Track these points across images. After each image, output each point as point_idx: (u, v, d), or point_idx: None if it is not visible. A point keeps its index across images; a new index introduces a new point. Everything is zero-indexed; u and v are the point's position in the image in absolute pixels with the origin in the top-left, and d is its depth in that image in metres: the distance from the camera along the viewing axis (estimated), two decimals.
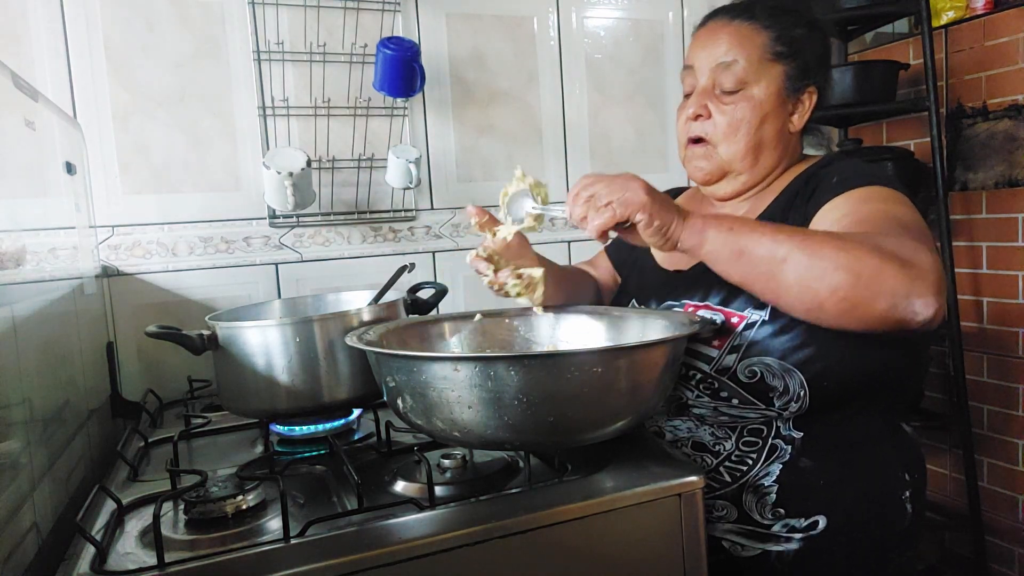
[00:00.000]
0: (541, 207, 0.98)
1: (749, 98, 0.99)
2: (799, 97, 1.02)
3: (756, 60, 0.99)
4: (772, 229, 0.79)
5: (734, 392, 0.94)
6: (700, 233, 0.81)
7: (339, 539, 0.73)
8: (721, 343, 0.95)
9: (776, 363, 0.91)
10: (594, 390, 0.78)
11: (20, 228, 0.88)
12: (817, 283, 0.75)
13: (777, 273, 0.77)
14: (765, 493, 0.94)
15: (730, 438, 0.97)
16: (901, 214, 0.86)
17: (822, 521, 0.92)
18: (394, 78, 1.52)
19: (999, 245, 1.92)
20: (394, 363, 0.84)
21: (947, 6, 1.99)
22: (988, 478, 2.01)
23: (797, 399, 0.91)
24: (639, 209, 0.80)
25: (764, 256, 0.78)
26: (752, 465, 0.95)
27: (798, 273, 0.76)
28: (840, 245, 0.75)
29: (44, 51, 1.37)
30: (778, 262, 0.77)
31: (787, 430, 0.94)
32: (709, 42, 1.02)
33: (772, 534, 0.94)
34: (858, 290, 0.74)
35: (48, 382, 0.94)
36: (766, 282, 0.79)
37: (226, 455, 1.06)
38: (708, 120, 1.01)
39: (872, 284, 0.73)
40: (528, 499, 0.81)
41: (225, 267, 1.53)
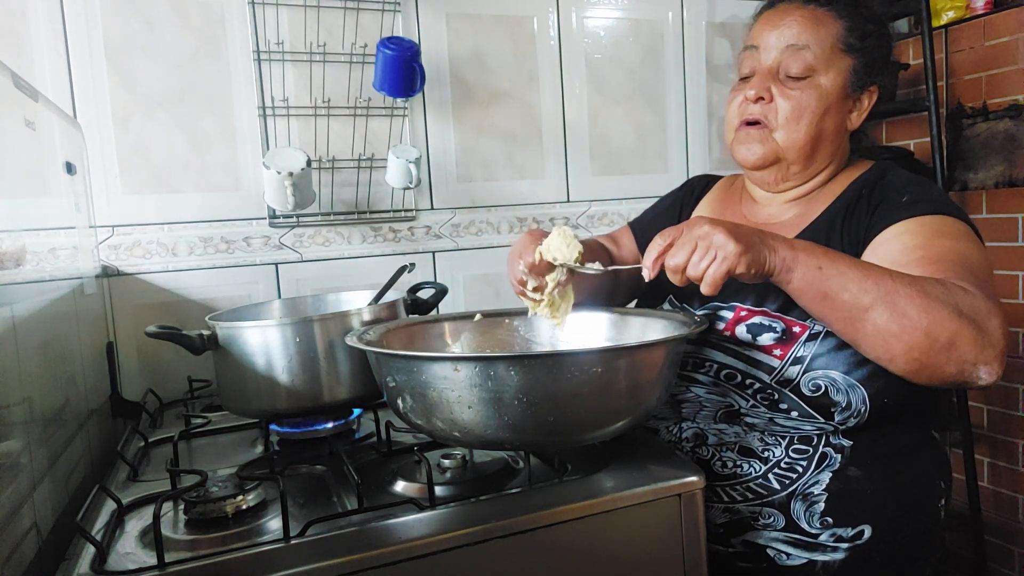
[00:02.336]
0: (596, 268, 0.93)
1: (816, 86, 0.96)
2: (860, 95, 0.99)
3: (828, 48, 0.96)
4: (860, 274, 0.77)
5: (795, 405, 0.91)
6: (790, 271, 0.79)
7: (339, 539, 0.73)
8: (784, 353, 0.91)
9: (842, 377, 0.89)
10: (594, 390, 0.78)
11: (20, 228, 0.88)
12: (895, 340, 0.76)
13: (858, 321, 0.77)
14: (814, 501, 0.92)
15: (780, 445, 0.94)
16: (972, 255, 0.85)
17: (867, 531, 0.91)
18: (394, 78, 1.52)
19: (999, 245, 1.92)
20: (394, 363, 0.84)
21: (947, 6, 1.99)
22: (988, 478, 2.01)
23: (857, 414, 0.90)
24: (737, 262, 0.76)
25: (848, 302, 0.77)
26: (802, 473, 0.93)
27: (878, 326, 0.76)
28: (924, 305, 0.75)
29: (44, 51, 1.37)
30: (861, 310, 0.77)
31: (837, 439, 0.93)
32: (780, 23, 0.98)
33: (819, 543, 0.91)
34: (932, 354, 0.75)
35: (48, 382, 0.94)
36: (845, 326, 0.79)
37: (226, 455, 1.06)
38: (769, 104, 0.97)
39: (947, 350, 0.75)
40: (528, 499, 0.81)
41: (225, 267, 1.53)
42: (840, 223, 0.96)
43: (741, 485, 0.95)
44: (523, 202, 1.78)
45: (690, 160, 1.95)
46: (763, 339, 0.93)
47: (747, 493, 0.95)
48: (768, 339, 0.93)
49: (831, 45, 0.96)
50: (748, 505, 0.95)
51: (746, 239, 0.77)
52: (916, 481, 0.95)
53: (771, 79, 0.98)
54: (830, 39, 0.96)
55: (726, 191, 1.18)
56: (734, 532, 0.96)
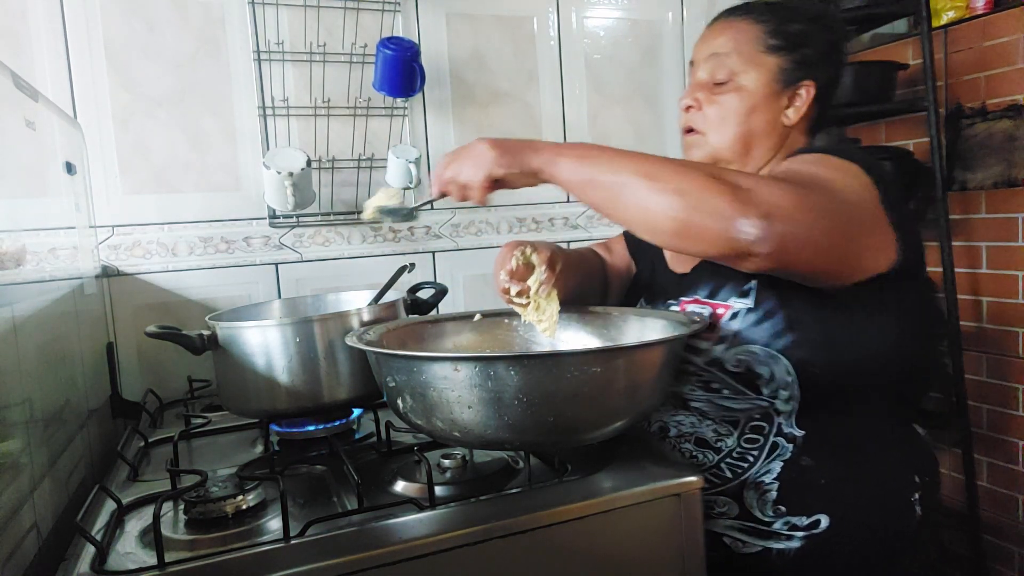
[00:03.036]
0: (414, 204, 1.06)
1: (738, 88, 1.02)
2: (795, 90, 1.03)
3: (747, 52, 1.02)
4: (620, 155, 0.83)
5: (724, 383, 0.95)
6: (554, 163, 0.85)
7: (339, 539, 0.73)
8: (711, 335, 0.96)
9: (761, 350, 0.92)
10: (593, 390, 0.78)
11: (20, 228, 0.88)
12: (654, 205, 0.79)
13: (620, 196, 0.82)
14: (766, 490, 0.94)
15: (732, 434, 0.97)
16: (821, 173, 0.86)
17: (824, 520, 0.92)
18: (394, 78, 1.52)
19: (998, 245, 1.92)
20: (394, 363, 0.84)
21: (947, 6, 1.99)
22: (988, 478, 2.02)
23: (785, 386, 0.91)
24: (494, 164, 0.86)
25: (608, 181, 0.82)
26: (753, 462, 0.95)
27: (637, 196, 0.80)
28: (677, 169, 0.80)
29: (44, 51, 1.37)
30: (620, 186, 0.81)
31: (789, 427, 0.94)
32: (708, 37, 1.07)
33: (773, 531, 0.94)
34: (688, 211, 0.77)
35: (48, 382, 0.94)
36: (612, 206, 0.83)
37: (226, 455, 1.06)
38: (699, 111, 1.05)
39: (700, 204, 0.77)
40: (528, 499, 0.81)
41: (225, 267, 1.53)
42: None
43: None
44: (523, 202, 1.78)
45: None
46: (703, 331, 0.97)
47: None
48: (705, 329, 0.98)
49: (750, 49, 1.03)
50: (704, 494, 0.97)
51: (506, 146, 0.87)
52: (879, 473, 0.95)
53: (701, 88, 1.05)
54: (748, 43, 1.03)
55: None
56: None
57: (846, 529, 0.92)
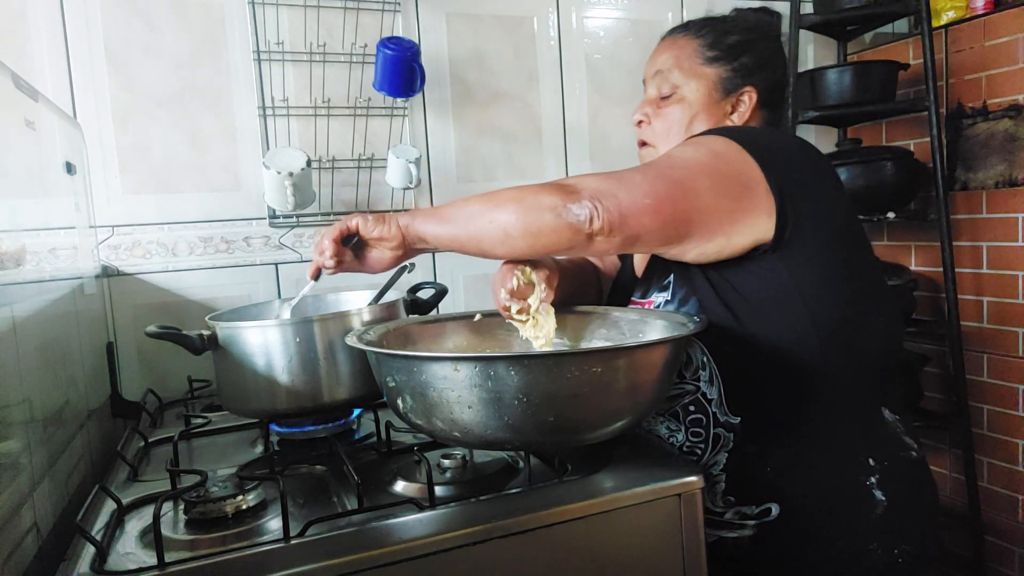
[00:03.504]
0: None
1: (681, 100, 1.09)
2: (737, 97, 1.09)
3: (687, 66, 1.09)
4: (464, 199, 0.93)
5: None
6: (411, 216, 0.96)
7: (339, 539, 0.73)
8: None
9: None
10: (594, 390, 0.78)
11: (20, 228, 0.88)
12: (498, 218, 0.88)
13: (471, 224, 0.91)
14: (715, 481, 0.96)
15: (681, 429, 1.00)
16: (671, 152, 0.95)
17: (775, 508, 0.93)
18: (394, 78, 1.52)
19: (999, 245, 1.92)
20: (394, 363, 0.84)
21: (947, 6, 1.99)
22: (988, 478, 2.01)
23: (703, 366, 0.96)
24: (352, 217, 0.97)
25: (459, 216, 0.92)
26: (701, 455, 0.97)
27: (485, 217, 0.89)
28: (514, 189, 0.89)
29: (44, 51, 1.37)
30: (469, 214, 0.91)
31: (724, 416, 0.96)
32: (655, 56, 1.15)
33: (725, 521, 0.96)
34: (525, 212, 0.86)
35: (48, 382, 0.94)
36: (470, 236, 0.91)
37: (226, 455, 1.06)
38: (648, 125, 1.12)
39: (534, 205, 0.86)
40: (528, 499, 0.81)
41: (225, 267, 1.53)
42: None
43: None
44: None
45: None
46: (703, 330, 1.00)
47: None
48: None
49: (690, 63, 1.09)
50: None
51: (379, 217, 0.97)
52: (828, 459, 0.94)
53: (649, 104, 1.13)
54: (687, 58, 1.09)
55: None
56: None
57: (798, 515, 0.93)
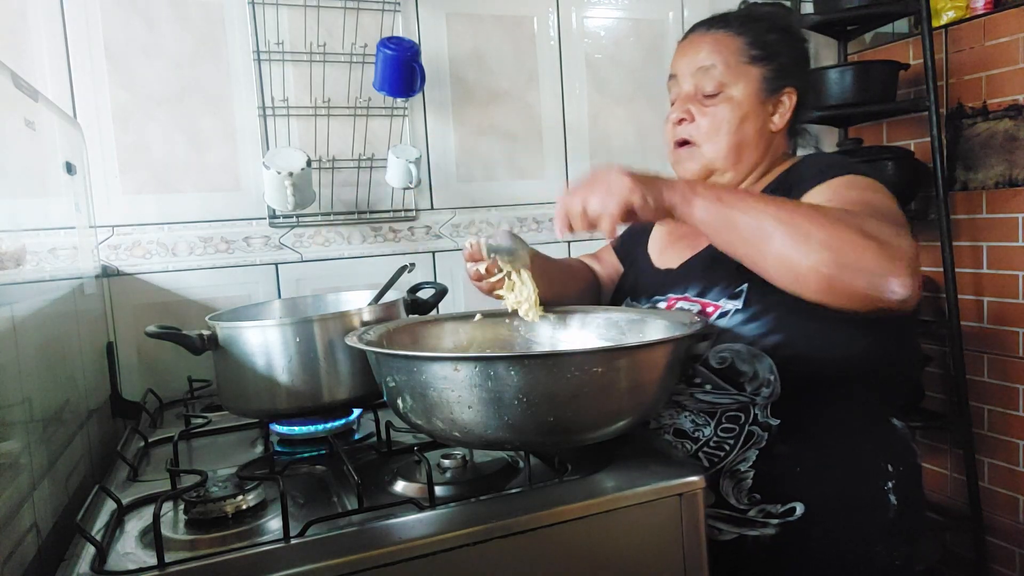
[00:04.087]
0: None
1: (729, 99, 1.05)
2: (778, 98, 1.07)
3: (733, 64, 1.05)
4: (760, 201, 0.81)
5: (707, 378, 0.97)
6: (689, 202, 0.83)
7: (339, 539, 0.73)
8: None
9: (745, 349, 0.94)
10: (594, 390, 0.78)
11: (20, 228, 0.88)
12: (800, 258, 0.77)
13: (762, 246, 0.79)
14: (741, 478, 0.96)
15: (709, 424, 0.99)
16: (880, 201, 0.89)
17: (799, 508, 0.94)
18: (394, 78, 1.52)
19: (1000, 245, 1.92)
20: (394, 363, 0.84)
21: (947, 6, 1.99)
22: (989, 478, 2.01)
23: (767, 384, 0.94)
24: (631, 195, 0.82)
25: (751, 226, 0.80)
26: (729, 451, 0.97)
27: (782, 248, 0.78)
28: (824, 223, 0.77)
29: (44, 51, 1.37)
30: (764, 235, 0.79)
31: (764, 417, 0.96)
32: (690, 51, 1.09)
33: (748, 519, 0.96)
34: (838, 267, 0.76)
35: (48, 382, 0.94)
36: (751, 253, 0.82)
37: (226, 455, 1.06)
38: (692, 123, 1.07)
39: (852, 263, 0.75)
40: (528, 499, 0.81)
41: (225, 267, 1.53)
42: None
43: None
44: (523, 202, 1.78)
45: None
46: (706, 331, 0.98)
47: None
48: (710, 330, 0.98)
49: (735, 60, 1.05)
50: None
51: (641, 177, 0.83)
52: (852, 462, 0.97)
53: (690, 101, 1.07)
54: (733, 55, 1.05)
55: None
56: None
57: (820, 516, 0.94)
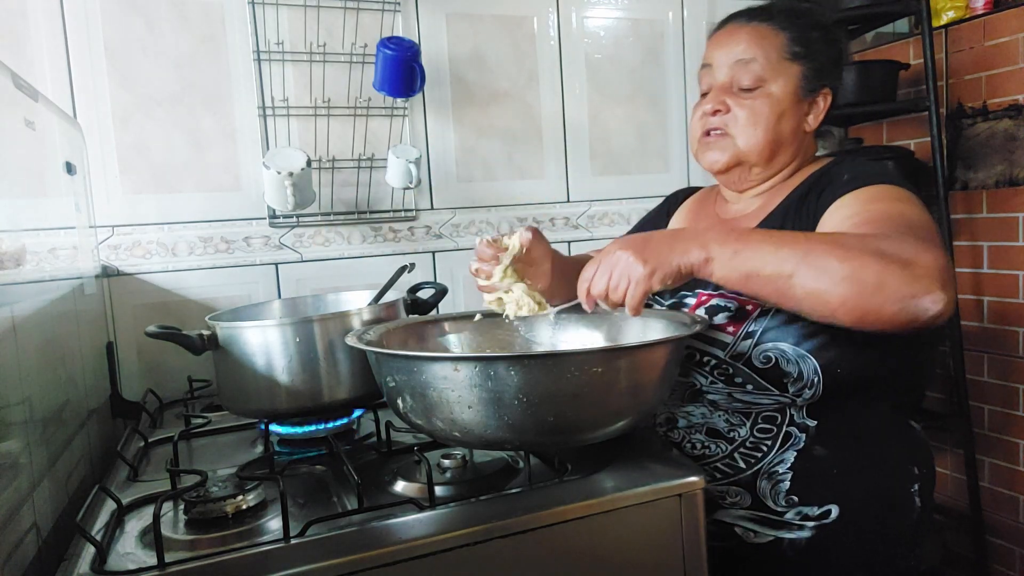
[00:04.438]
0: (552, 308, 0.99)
1: (768, 95, 1.02)
2: (814, 98, 1.05)
3: (774, 59, 1.02)
4: (774, 244, 0.79)
5: (748, 378, 0.94)
6: (707, 264, 0.81)
7: (339, 539, 0.73)
8: (736, 329, 0.95)
9: (791, 349, 0.91)
10: (594, 390, 0.78)
11: (20, 228, 0.88)
12: (826, 295, 0.76)
13: (786, 290, 0.78)
14: (779, 480, 0.95)
15: (744, 424, 0.97)
16: (908, 212, 0.87)
17: (835, 510, 0.93)
18: (394, 78, 1.52)
19: (1000, 244, 1.92)
20: (394, 363, 0.84)
21: (947, 6, 1.99)
22: (989, 478, 2.01)
23: (811, 385, 0.91)
24: (647, 280, 0.80)
25: (771, 275, 0.78)
26: (767, 452, 0.96)
27: (807, 288, 0.77)
28: (843, 255, 0.76)
29: (44, 51, 1.37)
30: (785, 279, 0.77)
31: (801, 418, 0.95)
32: (728, 41, 1.05)
33: (785, 521, 0.94)
34: (865, 298, 0.75)
35: (48, 382, 0.94)
36: (779, 298, 0.80)
37: (226, 455, 1.06)
38: (727, 114, 1.03)
39: (878, 291, 0.74)
40: (528, 499, 0.81)
41: (225, 267, 1.53)
42: (793, 211, 1.01)
43: (709, 465, 0.99)
44: (523, 202, 1.78)
45: (690, 160, 1.95)
46: (718, 318, 0.97)
47: (715, 473, 0.99)
48: (722, 318, 0.97)
49: (777, 56, 1.02)
50: (716, 485, 0.99)
51: (654, 254, 0.80)
52: (885, 464, 0.97)
53: (726, 92, 1.04)
54: (775, 51, 1.02)
55: (704, 196, 1.25)
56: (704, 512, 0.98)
57: (853, 518, 0.93)
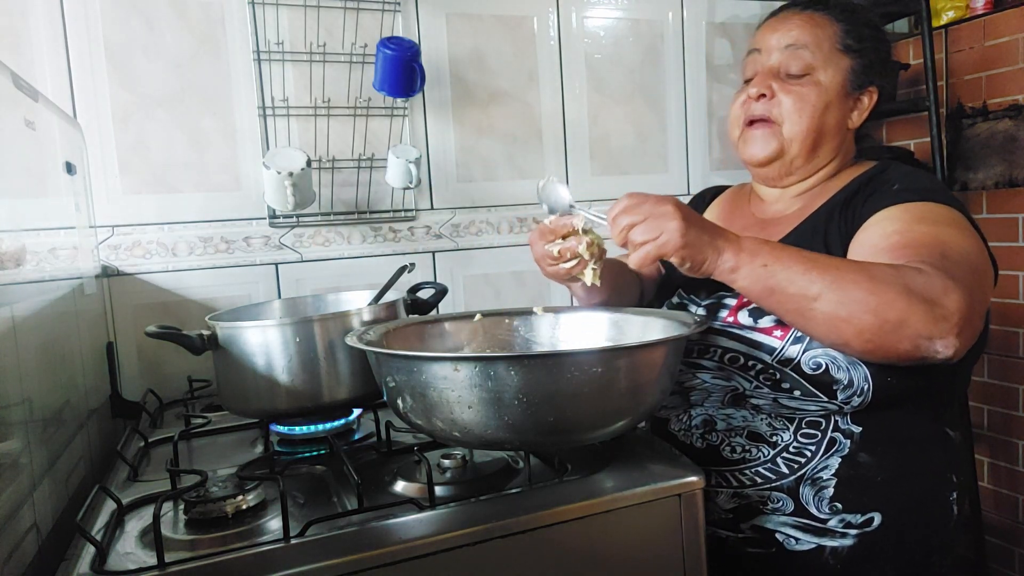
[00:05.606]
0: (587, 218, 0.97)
1: (816, 83, 1.00)
2: (860, 94, 1.03)
3: (826, 48, 1.00)
4: (805, 265, 0.79)
5: (797, 383, 0.92)
6: (734, 271, 0.81)
7: (339, 539, 0.73)
8: (784, 334, 0.93)
9: (842, 355, 0.89)
10: (594, 390, 0.78)
11: (20, 228, 0.88)
12: (845, 324, 0.77)
13: (807, 311, 0.79)
14: (823, 486, 0.93)
15: (788, 429, 0.95)
16: (951, 241, 0.85)
17: (877, 518, 0.92)
18: (394, 78, 1.52)
19: (1000, 245, 1.92)
20: (394, 363, 0.84)
21: (947, 6, 1.99)
22: (989, 478, 2.01)
23: (860, 393, 0.89)
24: (673, 251, 0.80)
25: (795, 294, 0.78)
26: (811, 457, 0.94)
27: (827, 313, 0.77)
28: (872, 288, 0.76)
29: (44, 51, 1.37)
30: (809, 300, 0.78)
31: (845, 424, 0.93)
32: (782, 26, 1.03)
33: (828, 529, 0.93)
34: (883, 334, 0.76)
35: (48, 382, 0.94)
36: (795, 318, 0.81)
37: (226, 455, 1.06)
38: (772, 100, 1.01)
39: (898, 328, 0.75)
40: (528, 499, 0.81)
41: (225, 267, 1.53)
42: (837, 214, 0.98)
43: (750, 470, 0.97)
44: (523, 202, 1.78)
45: (690, 160, 1.95)
46: (763, 322, 0.95)
47: (756, 478, 0.96)
48: (768, 321, 0.94)
49: (829, 46, 1.00)
50: (757, 490, 0.96)
51: (695, 236, 0.80)
52: (928, 472, 0.95)
53: (773, 78, 1.02)
54: (827, 40, 1.00)
55: (735, 194, 1.22)
56: (743, 517, 0.97)
57: (896, 527, 0.92)
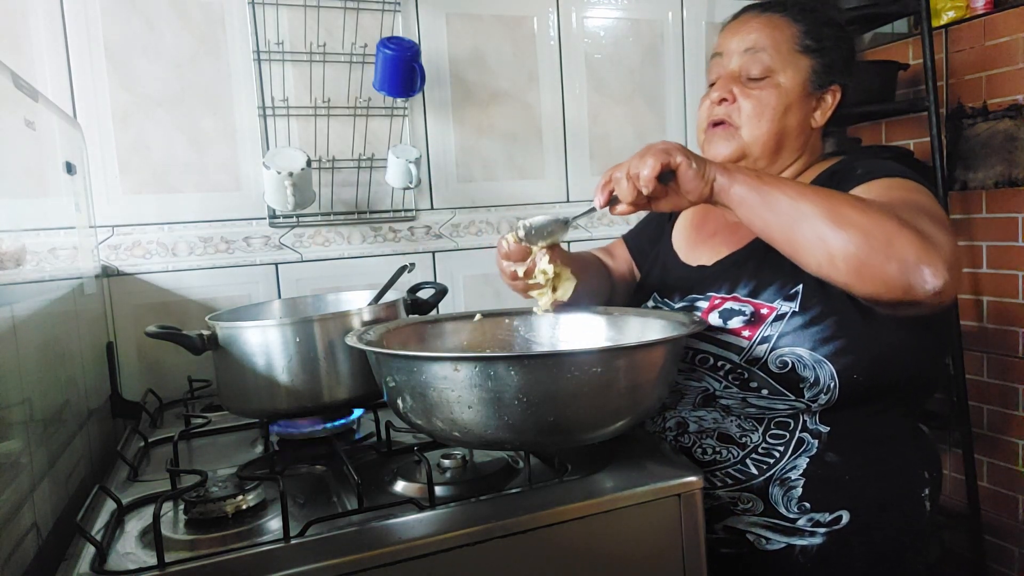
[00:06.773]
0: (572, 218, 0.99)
1: (775, 86, 1.00)
2: (823, 94, 1.03)
3: (785, 50, 1.01)
4: (800, 185, 0.82)
5: (764, 383, 0.93)
6: (730, 176, 0.83)
7: (339, 539, 0.73)
8: (752, 333, 0.94)
9: (808, 354, 0.90)
10: (594, 390, 0.78)
11: (20, 228, 0.88)
12: (833, 239, 0.77)
13: (797, 224, 0.79)
14: (792, 487, 0.94)
15: (757, 430, 0.96)
16: (924, 202, 0.87)
17: (845, 516, 0.93)
18: (394, 78, 1.52)
19: (999, 244, 1.92)
20: (394, 363, 0.84)
21: (947, 6, 1.99)
22: (988, 478, 2.01)
23: (827, 391, 0.91)
24: (674, 153, 0.82)
25: (786, 207, 0.80)
26: (779, 458, 0.95)
27: (816, 228, 0.78)
28: (863, 208, 0.77)
29: (44, 51, 1.37)
30: (800, 215, 0.79)
31: (814, 424, 0.94)
32: (740, 30, 1.04)
33: (797, 528, 0.94)
34: (871, 250, 0.75)
35: (48, 382, 0.94)
36: (785, 232, 0.81)
37: (226, 455, 1.06)
38: (733, 104, 1.02)
39: (885, 246, 0.75)
40: (528, 499, 0.81)
41: (225, 267, 1.53)
42: None
43: (721, 471, 0.98)
44: (523, 202, 1.78)
45: None
46: (733, 322, 0.96)
47: (726, 479, 0.98)
48: (738, 322, 0.96)
49: (788, 47, 1.01)
50: (728, 491, 0.98)
51: (687, 149, 0.83)
52: (897, 469, 0.97)
53: (734, 81, 1.02)
54: (786, 42, 1.01)
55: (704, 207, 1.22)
56: (716, 518, 0.98)
57: (865, 524, 0.93)
